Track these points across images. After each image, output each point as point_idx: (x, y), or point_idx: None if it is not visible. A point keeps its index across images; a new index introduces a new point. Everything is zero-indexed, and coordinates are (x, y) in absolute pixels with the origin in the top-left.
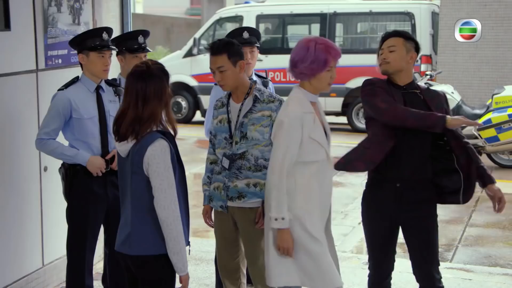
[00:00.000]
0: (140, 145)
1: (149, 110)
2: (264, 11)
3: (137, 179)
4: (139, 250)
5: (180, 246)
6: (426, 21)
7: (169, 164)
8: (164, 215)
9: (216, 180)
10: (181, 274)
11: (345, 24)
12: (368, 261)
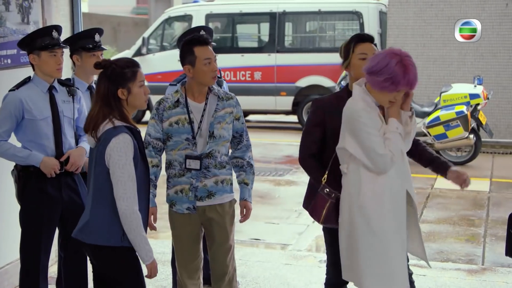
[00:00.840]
0: (105, 137)
1: (98, 109)
2: (213, 10)
3: (98, 170)
4: (94, 239)
5: (141, 237)
6: (374, 20)
7: (130, 158)
8: (124, 207)
9: (178, 183)
10: (145, 263)
11: (294, 23)
12: (327, 261)
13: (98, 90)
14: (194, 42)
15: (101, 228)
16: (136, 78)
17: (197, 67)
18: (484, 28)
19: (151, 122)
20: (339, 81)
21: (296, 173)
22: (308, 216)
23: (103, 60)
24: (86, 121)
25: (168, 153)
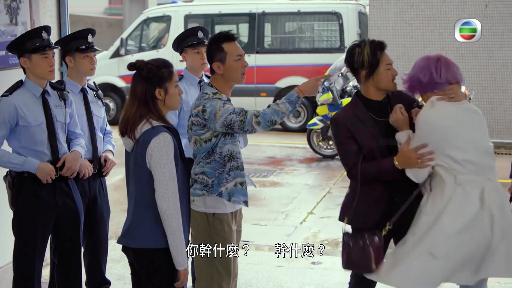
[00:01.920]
0: (144, 138)
1: (135, 109)
2: (192, 11)
3: (140, 172)
4: (138, 243)
5: (180, 240)
6: (353, 21)
7: (171, 157)
8: (165, 207)
9: (239, 175)
10: (179, 268)
11: (273, 24)
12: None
13: (134, 91)
14: (223, 38)
15: (144, 232)
16: (172, 78)
17: (228, 64)
18: None
19: (227, 107)
20: (322, 81)
21: (280, 174)
22: (295, 218)
23: (137, 61)
24: (121, 123)
25: (234, 144)
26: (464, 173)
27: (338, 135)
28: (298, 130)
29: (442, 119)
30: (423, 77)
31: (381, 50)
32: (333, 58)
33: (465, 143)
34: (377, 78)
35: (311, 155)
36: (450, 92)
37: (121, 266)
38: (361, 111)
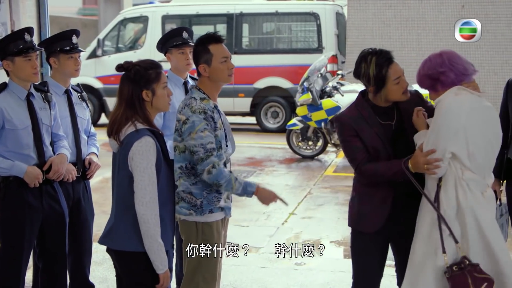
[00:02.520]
0: (127, 140)
1: (122, 111)
2: (169, 11)
3: (121, 174)
4: (119, 245)
5: (157, 244)
6: (331, 22)
7: (152, 162)
8: (142, 211)
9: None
10: (159, 272)
11: (251, 24)
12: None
13: (121, 92)
14: (209, 40)
15: (125, 234)
16: (160, 79)
17: (214, 66)
18: (441, 29)
19: (206, 134)
20: (302, 82)
21: (260, 175)
22: (277, 218)
23: (125, 62)
24: (109, 124)
25: (219, 159)
26: (470, 171)
27: (343, 134)
28: (276, 131)
29: (468, 109)
30: (450, 71)
31: (388, 65)
32: (311, 59)
33: (481, 140)
34: (385, 93)
35: (291, 155)
36: (475, 85)
37: (104, 269)
38: (366, 111)
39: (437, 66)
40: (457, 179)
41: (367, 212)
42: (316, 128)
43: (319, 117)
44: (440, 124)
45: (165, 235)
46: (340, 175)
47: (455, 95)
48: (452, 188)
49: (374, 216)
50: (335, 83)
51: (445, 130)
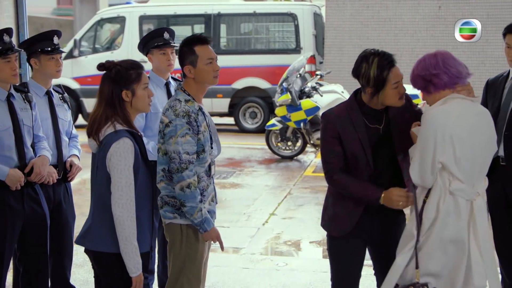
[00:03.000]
0: (106, 141)
1: (102, 111)
2: (147, 11)
3: (100, 175)
4: (95, 246)
5: (131, 247)
6: (309, 22)
7: (129, 164)
8: (118, 213)
9: (209, 194)
10: (132, 275)
11: (229, 25)
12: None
13: (101, 92)
14: (195, 41)
15: (102, 235)
16: (140, 80)
17: (199, 67)
18: (419, 30)
19: (186, 139)
20: (281, 82)
21: (240, 176)
22: (258, 219)
23: (107, 61)
24: (89, 123)
25: (201, 166)
26: (459, 180)
27: (325, 132)
28: (254, 131)
29: (454, 117)
30: (444, 74)
31: (390, 68)
32: (289, 59)
33: (469, 147)
34: (383, 96)
35: (270, 156)
36: (469, 88)
37: (84, 271)
38: (355, 114)
39: (431, 67)
40: (442, 190)
41: (339, 215)
42: (295, 129)
43: (298, 117)
44: (426, 135)
45: (142, 236)
46: (319, 175)
47: (442, 103)
48: (436, 199)
49: (344, 222)
50: (314, 83)
51: (431, 140)
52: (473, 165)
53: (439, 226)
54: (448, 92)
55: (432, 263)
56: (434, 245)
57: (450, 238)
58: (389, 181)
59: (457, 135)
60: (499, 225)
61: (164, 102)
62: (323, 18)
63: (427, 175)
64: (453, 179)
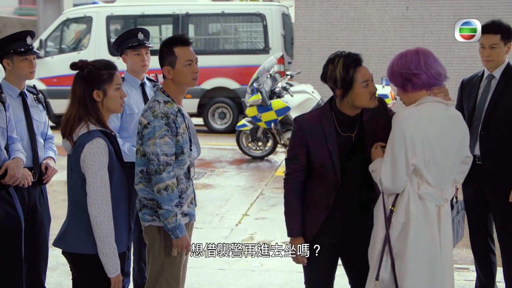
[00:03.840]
0: (79, 142)
1: (75, 111)
2: (114, 12)
3: (74, 176)
4: (72, 247)
5: (109, 247)
6: (277, 22)
7: (104, 164)
8: (95, 214)
9: (188, 196)
10: (110, 276)
11: (197, 25)
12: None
13: (73, 91)
14: (175, 42)
15: (78, 237)
16: (112, 80)
17: (177, 68)
18: (387, 30)
19: (164, 141)
20: (251, 83)
21: (211, 176)
22: (231, 220)
23: (80, 60)
24: (62, 124)
25: (180, 168)
26: (428, 184)
27: (293, 138)
28: (223, 132)
29: (426, 119)
30: (424, 74)
31: (356, 67)
32: (258, 59)
33: (439, 151)
34: (353, 97)
35: (240, 156)
36: (445, 90)
37: (58, 274)
38: (328, 123)
39: (412, 66)
40: (411, 193)
41: (304, 220)
42: (266, 129)
43: (268, 117)
44: (397, 137)
45: (119, 237)
46: None
47: (415, 105)
48: (404, 203)
49: (307, 229)
50: (284, 83)
51: (402, 142)
52: (443, 169)
53: (412, 233)
54: (425, 93)
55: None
56: (411, 263)
57: (424, 247)
58: (356, 192)
59: (428, 138)
60: (475, 224)
61: (139, 103)
62: (291, 18)
63: (400, 178)
64: (422, 183)
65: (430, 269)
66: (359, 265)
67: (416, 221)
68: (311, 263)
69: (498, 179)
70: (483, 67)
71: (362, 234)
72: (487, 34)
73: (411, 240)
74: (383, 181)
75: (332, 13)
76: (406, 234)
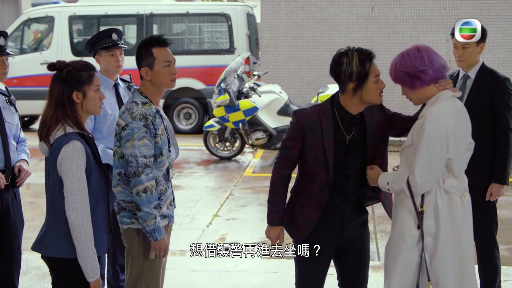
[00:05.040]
0: (56, 144)
1: (52, 112)
2: (77, 11)
3: (52, 180)
4: (51, 252)
5: (88, 251)
6: (242, 22)
7: (81, 167)
8: (73, 217)
9: (167, 198)
10: (89, 280)
11: (162, 25)
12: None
13: (51, 92)
14: (153, 42)
15: (57, 241)
16: (92, 82)
17: (156, 70)
18: (353, 30)
19: (143, 142)
20: (218, 83)
21: (180, 177)
22: (202, 221)
23: (58, 61)
24: (39, 126)
25: (159, 170)
26: (453, 177)
27: (291, 130)
28: (189, 132)
29: (451, 116)
30: (430, 69)
31: (370, 61)
32: (223, 60)
33: (460, 144)
34: (365, 91)
35: (208, 157)
36: (450, 82)
37: (29, 279)
38: (327, 120)
39: (417, 63)
40: (437, 189)
41: (297, 219)
42: (234, 129)
43: (236, 118)
44: (432, 135)
45: (98, 239)
46: (259, 175)
47: (434, 103)
48: (432, 199)
49: (301, 228)
50: (252, 83)
51: (439, 141)
52: (461, 158)
53: (443, 227)
54: (433, 87)
55: (448, 278)
56: (445, 257)
57: (453, 239)
58: (353, 192)
59: (453, 131)
60: None
61: (113, 104)
62: (255, 18)
63: (436, 175)
64: (448, 177)
65: (460, 260)
66: (353, 264)
67: (445, 216)
68: (307, 263)
69: (475, 178)
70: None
71: (357, 232)
72: None
73: (442, 235)
74: (419, 182)
75: (298, 13)
76: (438, 229)
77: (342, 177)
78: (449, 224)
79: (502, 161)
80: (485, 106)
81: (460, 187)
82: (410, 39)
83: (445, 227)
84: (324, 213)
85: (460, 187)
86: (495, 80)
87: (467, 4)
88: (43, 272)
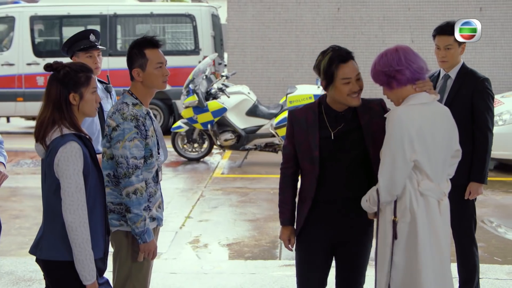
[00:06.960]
0: (53, 146)
1: (49, 114)
2: (38, 12)
3: (48, 181)
4: (47, 255)
5: (86, 253)
6: (207, 23)
7: (78, 168)
8: (70, 220)
9: (156, 200)
10: (86, 283)
11: (125, 26)
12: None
13: (48, 93)
14: (145, 44)
15: (54, 243)
16: (89, 83)
17: (148, 71)
18: (319, 31)
19: (134, 143)
20: (186, 84)
21: None
22: (175, 223)
23: (55, 62)
24: (36, 127)
25: (149, 172)
26: (428, 179)
27: (286, 129)
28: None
29: (420, 116)
30: (406, 69)
31: (340, 63)
32: (188, 61)
33: (434, 147)
34: (335, 91)
35: (176, 158)
36: (430, 84)
37: (2, 284)
38: (313, 116)
39: (393, 63)
40: (412, 192)
41: (298, 211)
42: (202, 130)
43: (205, 119)
44: (394, 135)
45: (95, 242)
46: (229, 176)
47: (404, 104)
48: (407, 202)
49: (298, 219)
50: (220, 84)
51: (400, 140)
52: (437, 163)
53: (421, 229)
54: (410, 87)
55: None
56: (424, 258)
57: (432, 242)
58: (345, 188)
59: (422, 133)
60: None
61: None
62: (220, 19)
63: (399, 177)
64: (423, 179)
65: (440, 263)
66: (350, 262)
67: (422, 218)
68: (303, 260)
69: (455, 177)
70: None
71: (356, 231)
72: (442, 35)
73: (420, 237)
74: (381, 182)
75: (264, 14)
76: (415, 232)
77: (334, 172)
78: (427, 227)
79: (481, 160)
80: (465, 106)
81: (437, 190)
82: (376, 39)
83: (423, 230)
84: (315, 208)
85: (437, 190)
86: (475, 80)
87: (432, 5)
88: (17, 277)
